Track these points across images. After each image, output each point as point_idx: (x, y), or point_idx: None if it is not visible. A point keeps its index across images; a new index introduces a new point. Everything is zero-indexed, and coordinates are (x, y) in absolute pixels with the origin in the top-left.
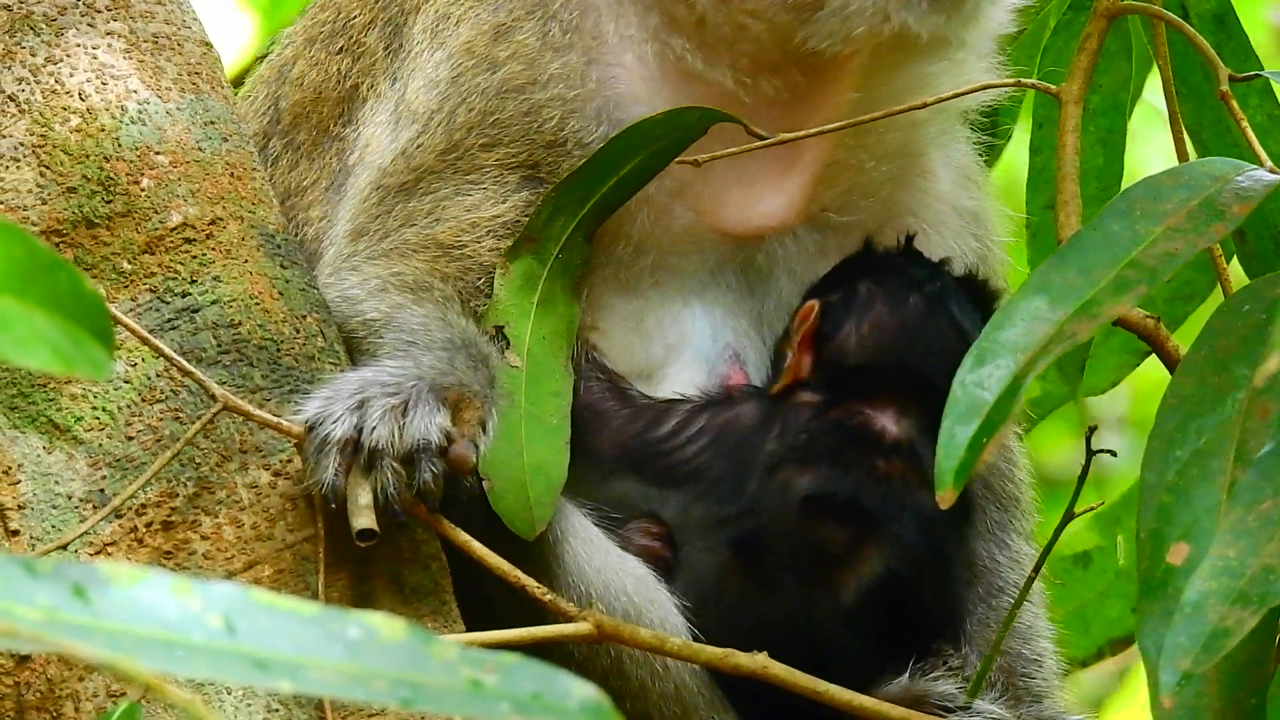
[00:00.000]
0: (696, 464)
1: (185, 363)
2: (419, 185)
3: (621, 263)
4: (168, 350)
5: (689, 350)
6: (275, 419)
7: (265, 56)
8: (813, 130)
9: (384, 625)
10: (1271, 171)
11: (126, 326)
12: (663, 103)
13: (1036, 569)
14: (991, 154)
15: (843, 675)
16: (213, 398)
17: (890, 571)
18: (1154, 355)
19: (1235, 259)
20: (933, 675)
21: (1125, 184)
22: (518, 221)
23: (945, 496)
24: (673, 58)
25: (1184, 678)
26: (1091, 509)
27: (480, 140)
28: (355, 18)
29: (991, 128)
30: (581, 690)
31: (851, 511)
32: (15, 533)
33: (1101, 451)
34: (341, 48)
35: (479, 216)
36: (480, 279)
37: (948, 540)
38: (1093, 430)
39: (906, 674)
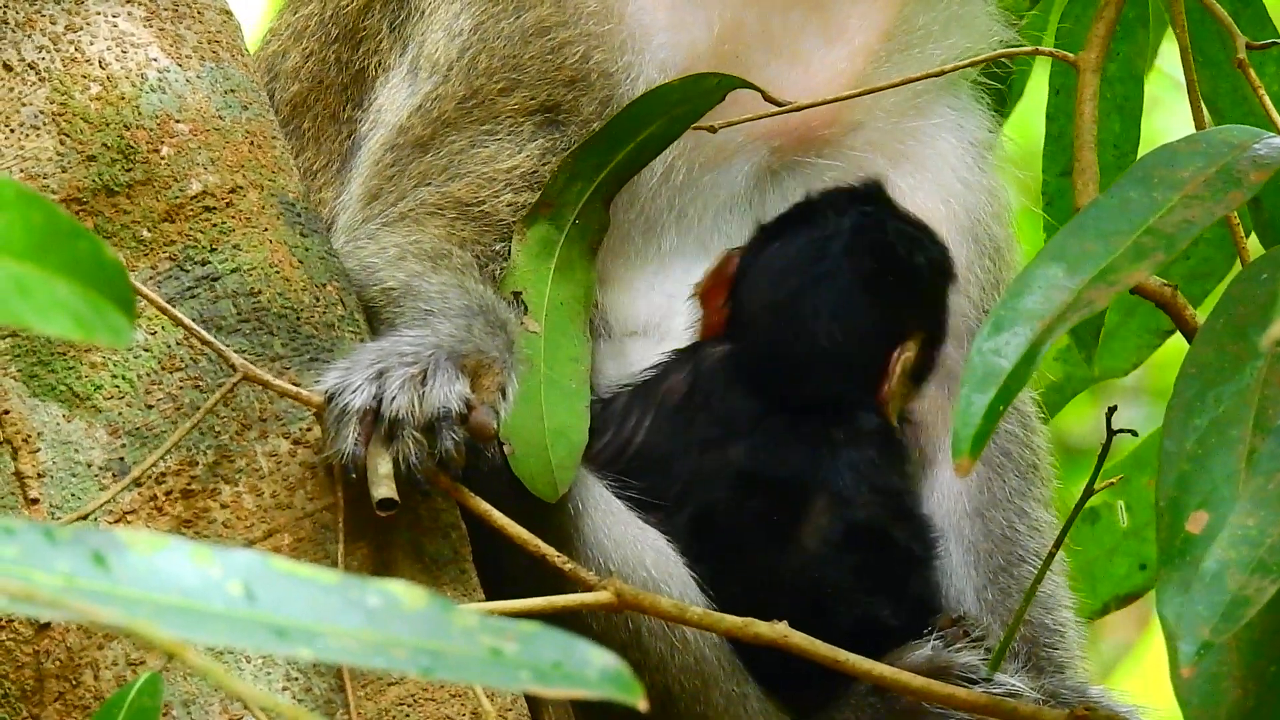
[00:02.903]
0: (645, 451)
1: (204, 332)
2: (434, 139)
3: (647, 198)
4: (187, 320)
5: (682, 299)
6: (295, 389)
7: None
8: (828, 99)
9: (404, 593)
10: None
11: (145, 297)
12: (686, 27)
13: (1058, 542)
14: (1003, 107)
15: (847, 626)
16: (232, 368)
17: (846, 521)
18: (1174, 333)
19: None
20: (955, 646)
21: (1142, 152)
22: (534, 172)
23: (962, 464)
24: None
25: (1203, 647)
26: (1111, 483)
27: (499, 85)
28: (346, 6)
29: (1004, 80)
30: (602, 659)
31: (785, 482)
32: (35, 501)
33: (1122, 431)
34: (337, 36)
35: (496, 169)
36: (497, 240)
37: (889, 477)
38: (1113, 410)
39: (928, 645)
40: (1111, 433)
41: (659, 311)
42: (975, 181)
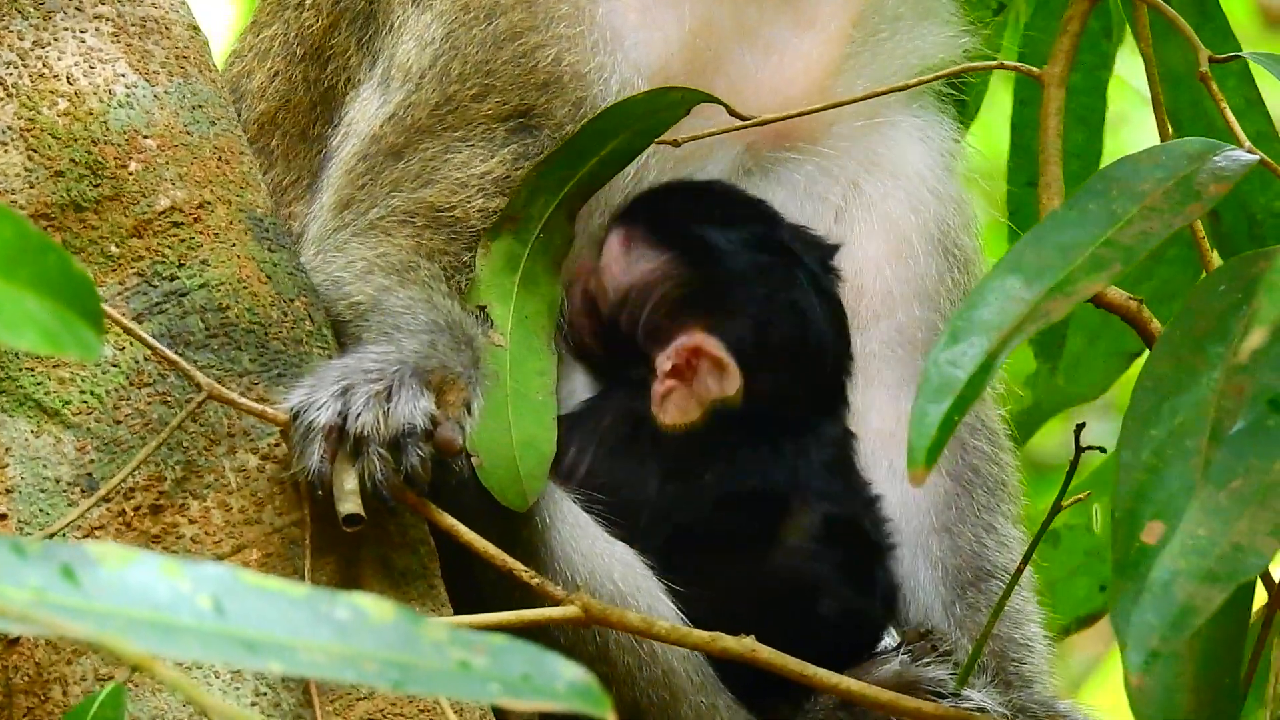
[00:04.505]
0: (592, 484)
1: (169, 351)
2: (408, 147)
3: (619, 199)
4: (151, 340)
5: None
6: (260, 406)
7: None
8: (793, 112)
9: (373, 607)
10: (1249, 152)
11: (111, 318)
12: (659, 25)
13: (1026, 557)
14: (965, 114)
15: (826, 620)
16: (198, 386)
17: (825, 516)
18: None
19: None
20: (924, 661)
21: (1105, 164)
22: (507, 178)
23: (917, 475)
24: None
25: (1151, 656)
26: (1078, 499)
27: (473, 90)
28: (311, 26)
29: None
30: (571, 672)
31: (764, 493)
32: (3, 516)
33: (1090, 448)
34: (303, 56)
35: (469, 175)
36: (466, 250)
37: (853, 475)
38: (1081, 427)
39: (897, 659)
40: (1079, 449)
41: None
42: (944, 192)
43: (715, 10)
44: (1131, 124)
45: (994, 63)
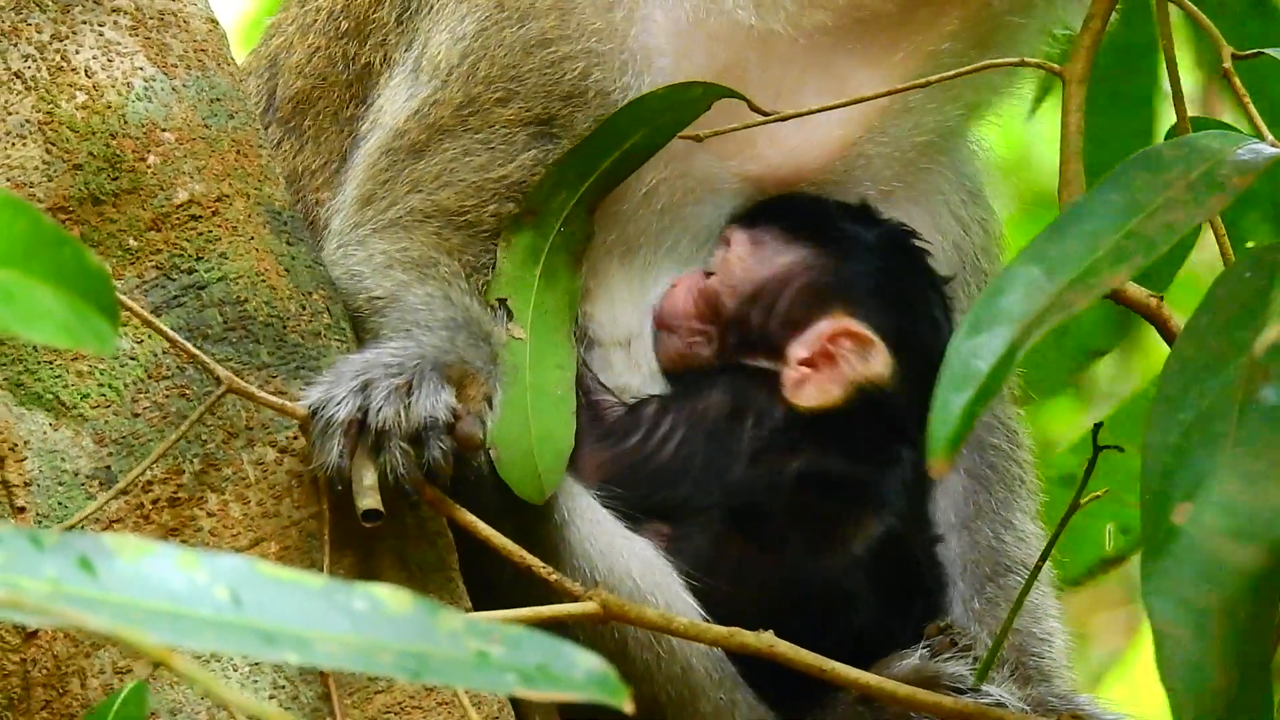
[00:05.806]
0: (676, 461)
1: (189, 345)
2: (429, 145)
3: (626, 218)
4: (171, 333)
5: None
6: (280, 401)
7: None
8: (818, 107)
9: (390, 597)
10: (1272, 145)
11: (132, 310)
12: (689, 56)
13: (1045, 553)
14: None
15: (854, 632)
16: (218, 380)
17: (888, 533)
18: (1105, 356)
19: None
20: (943, 656)
21: None
22: (524, 183)
23: (937, 465)
24: (708, 10)
25: (1181, 606)
26: (1096, 497)
27: (497, 94)
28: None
29: None
30: (588, 661)
31: (845, 486)
32: (22, 509)
33: (1108, 448)
34: (346, 31)
35: (486, 179)
36: (485, 251)
37: (922, 498)
38: (1099, 426)
39: (916, 654)
40: (1097, 449)
41: (636, 324)
42: (966, 215)
43: (746, 57)
44: None
45: (1014, 59)
